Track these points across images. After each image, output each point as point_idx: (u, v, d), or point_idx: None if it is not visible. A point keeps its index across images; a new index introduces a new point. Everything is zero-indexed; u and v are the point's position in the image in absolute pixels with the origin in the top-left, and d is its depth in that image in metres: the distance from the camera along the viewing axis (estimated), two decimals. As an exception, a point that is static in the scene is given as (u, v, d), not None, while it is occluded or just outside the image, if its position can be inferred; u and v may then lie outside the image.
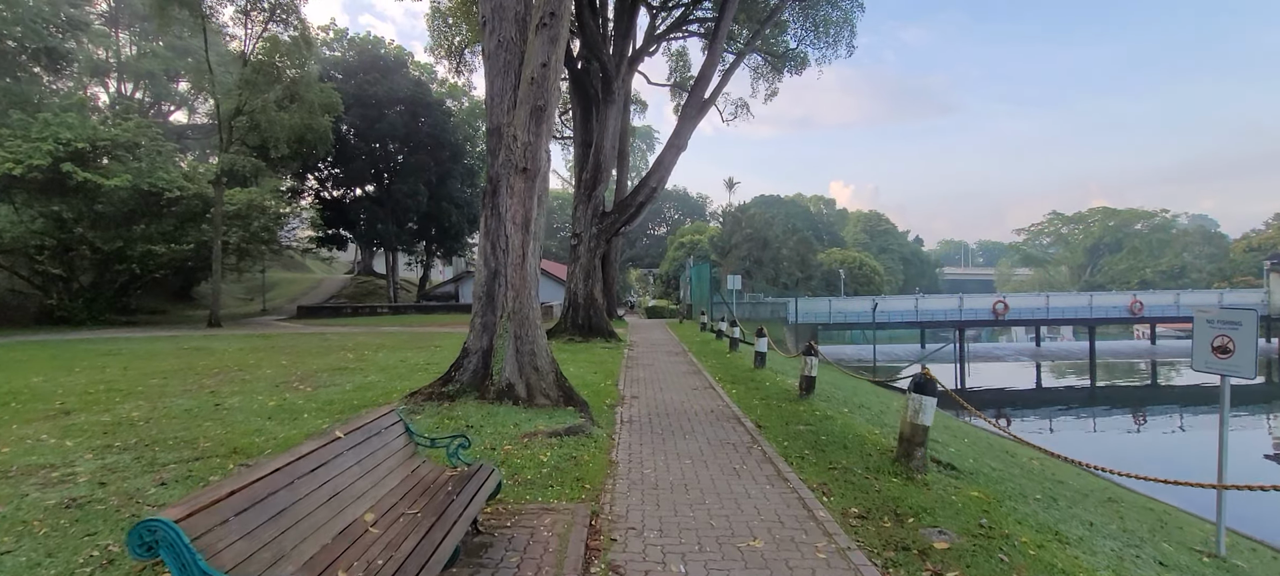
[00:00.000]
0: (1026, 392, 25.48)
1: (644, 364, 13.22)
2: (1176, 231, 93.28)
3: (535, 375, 7.33)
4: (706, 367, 12.61)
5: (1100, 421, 20.18)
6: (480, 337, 7.77)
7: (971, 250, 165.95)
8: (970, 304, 29.44)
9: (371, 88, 38.13)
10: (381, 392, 9.19)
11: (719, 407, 8.25)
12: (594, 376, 11.02)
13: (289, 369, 12.35)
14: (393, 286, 43.36)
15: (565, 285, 17.78)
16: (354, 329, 25.40)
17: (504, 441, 5.91)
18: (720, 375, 11.51)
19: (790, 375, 12.11)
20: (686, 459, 5.77)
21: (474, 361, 7.71)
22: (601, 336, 17.01)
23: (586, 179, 17.48)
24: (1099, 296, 30.60)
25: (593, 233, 17.50)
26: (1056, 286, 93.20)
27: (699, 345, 17.24)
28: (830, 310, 29.67)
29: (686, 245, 50.19)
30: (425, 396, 7.38)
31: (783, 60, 28.30)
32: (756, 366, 12.09)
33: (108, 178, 25.25)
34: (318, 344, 17.72)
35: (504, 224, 7.47)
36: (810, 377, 8.80)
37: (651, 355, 14.94)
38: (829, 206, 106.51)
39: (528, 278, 7.52)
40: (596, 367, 12.28)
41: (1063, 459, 6.31)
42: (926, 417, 5.43)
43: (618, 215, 17.77)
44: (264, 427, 6.86)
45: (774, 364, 12.92)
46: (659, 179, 17.45)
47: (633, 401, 8.74)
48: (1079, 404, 22.86)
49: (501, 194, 7.47)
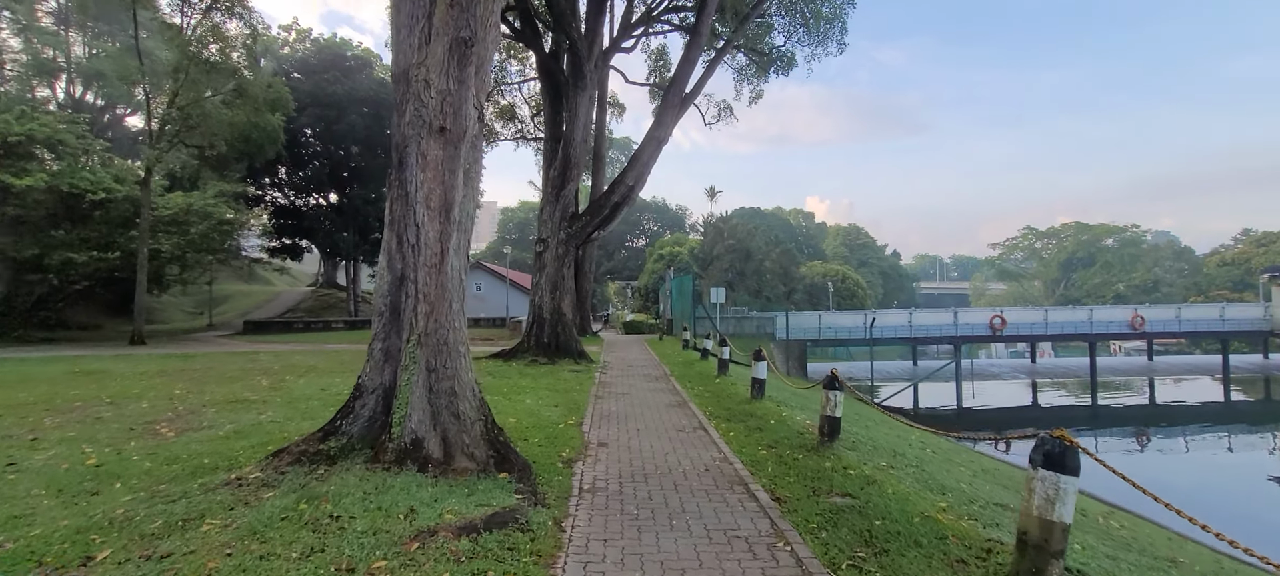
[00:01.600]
0: (1049, 412, 23.88)
1: (618, 392, 11.01)
2: (1147, 246, 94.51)
3: (455, 425, 5.09)
4: (693, 397, 10.44)
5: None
6: (380, 370, 5.50)
7: (946, 265, 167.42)
8: (966, 318, 27.81)
9: (331, 87, 35.58)
10: (264, 439, 6.85)
11: (716, 464, 6.08)
12: (553, 412, 8.77)
13: (175, 402, 9.90)
14: (353, 299, 40.52)
15: (529, 298, 15.52)
16: (298, 346, 22.76)
17: (379, 549, 3.65)
18: (711, 408, 9.34)
19: (794, 406, 9.99)
20: (677, 574, 3.59)
21: (369, 404, 5.43)
22: (570, 357, 14.76)
23: (554, 176, 15.30)
24: (1099, 311, 29.20)
25: (561, 238, 15.30)
26: (1030, 300, 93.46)
27: (681, 366, 15.08)
28: (820, 325, 27.76)
29: (666, 257, 48.16)
30: (294, 457, 5.08)
31: (769, 61, 26.56)
32: (753, 397, 9.96)
33: (19, 178, 22.42)
34: (240, 366, 15.18)
35: (412, 208, 5.25)
36: (834, 419, 6.68)
37: (627, 380, 12.74)
38: (808, 220, 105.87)
39: (448, 285, 5.30)
40: (559, 398, 10.04)
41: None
42: (1066, 511, 3.33)
43: (590, 217, 15.59)
44: (25, 513, 4.50)
45: (773, 391, 10.80)
46: (636, 176, 15.34)
47: (599, 453, 6.52)
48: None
49: (410, 165, 5.25)
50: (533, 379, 12.26)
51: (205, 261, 32.59)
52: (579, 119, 14.91)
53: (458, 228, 5.43)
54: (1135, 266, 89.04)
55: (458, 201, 5.38)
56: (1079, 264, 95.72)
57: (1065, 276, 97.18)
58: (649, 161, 15.33)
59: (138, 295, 23.98)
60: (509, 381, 11.82)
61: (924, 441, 9.18)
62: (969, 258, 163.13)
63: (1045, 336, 28.71)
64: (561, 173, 15.18)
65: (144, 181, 23.89)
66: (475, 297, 36.91)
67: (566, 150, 15.10)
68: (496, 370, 13.46)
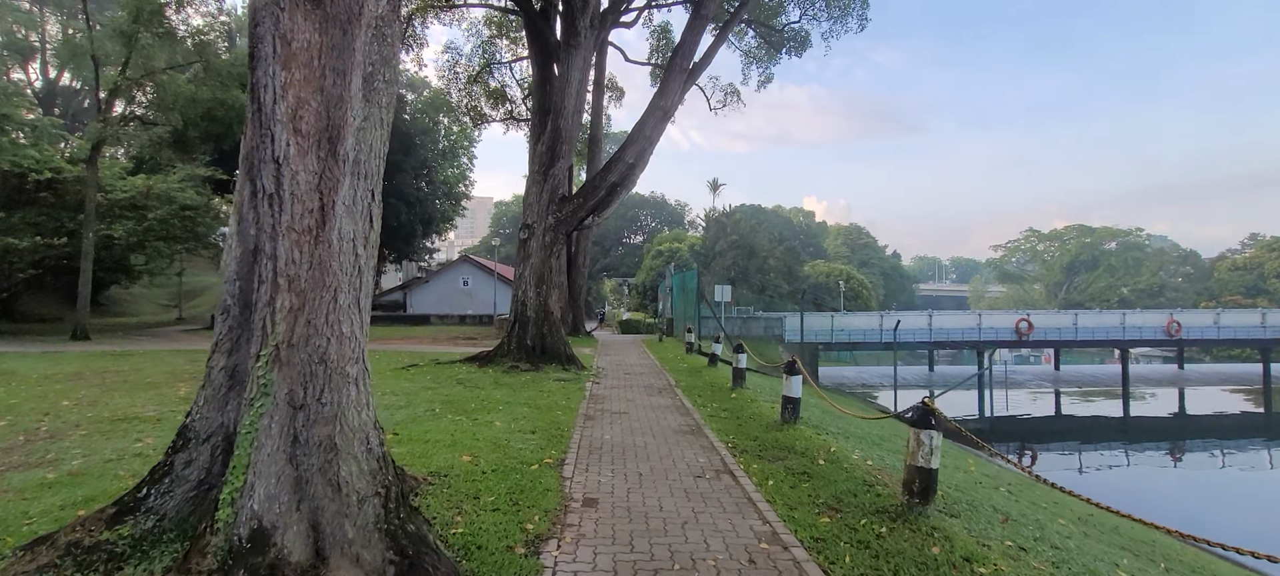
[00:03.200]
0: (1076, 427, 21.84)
1: (614, 410, 8.88)
2: (1152, 250, 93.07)
3: (333, 502, 2.96)
4: (707, 418, 8.32)
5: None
6: (220, 403, 3.36)
7: (944, 267, 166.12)
8: (990, 322, 25.78)
9: (309, 66, 33.27)
10: (90, 494, 4.70)
11: (761, 546, 3.95)
12: (528, 442, 6.63)
13: (49, 418, 7.75)
14: (334, 293, 38.21)
15: (511, 292, 13.37)
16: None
17: None
18: (733, 436, 7.23)
19: (836, 432, 7.89)
20: None
21: (198, 462, 3.29)
22: (558, 362, 12.62)
23: (541, 152, 13.13)
24: (1132, 315, 27.21)
25: (549, 223, 13.15)
26: (1032, 304, 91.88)
27: (687, 375, 12.97)
28: (833, 327, 25.66)
29: (665, 253, 46.05)
30: (58, 552, 2.94)
31: (781, 40, 24.48)
32: (785, 420, 7.84)
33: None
34: (170, 369, 13.00)
35: (269, 133, 3.11)
36: (928, 473, 4.55)
37: (625, 392, 10.61)
38: (808, 219, 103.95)
39: (330, 265, 3.17)
40: (539, 419, 7.90)
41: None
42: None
43: (582, 200, 13.42)
44: None
45: (808, 413, 8.66)
46: (638, 153, 13.20)
47: (584, 521, 4.38)
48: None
49: (263, 59, 3.11)
50: (510, 391, 10.12)
51: (172, 250, 30.38)
52: (572, 84, 12.76)
53: (351, 169, 3.29)
54: (1139, 270, 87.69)
55: (350, 125, 3.24)
56: (1082, 267, 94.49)
57: (1068, 279, 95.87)
58: (652, 136, 13.19)
59: (81, 285, 21.70)
60: (480, 394, 9.68)
61: (1048, 500, 7.08)
62: (967, 260, 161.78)
63: (1074, 342, 26.73)
64: (550, 147, 13.02)
65: (90, 159, 21.61)
66: (462, 293, 34.75)
67: (556, 121, 12.94)
68: (469, 378, 11.32)
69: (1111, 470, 16.68)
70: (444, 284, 35.44)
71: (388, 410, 8.29)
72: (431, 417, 7.79)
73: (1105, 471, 16.26)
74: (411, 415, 7.93)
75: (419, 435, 6.69)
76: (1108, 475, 15.80)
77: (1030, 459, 16.88)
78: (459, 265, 37.12)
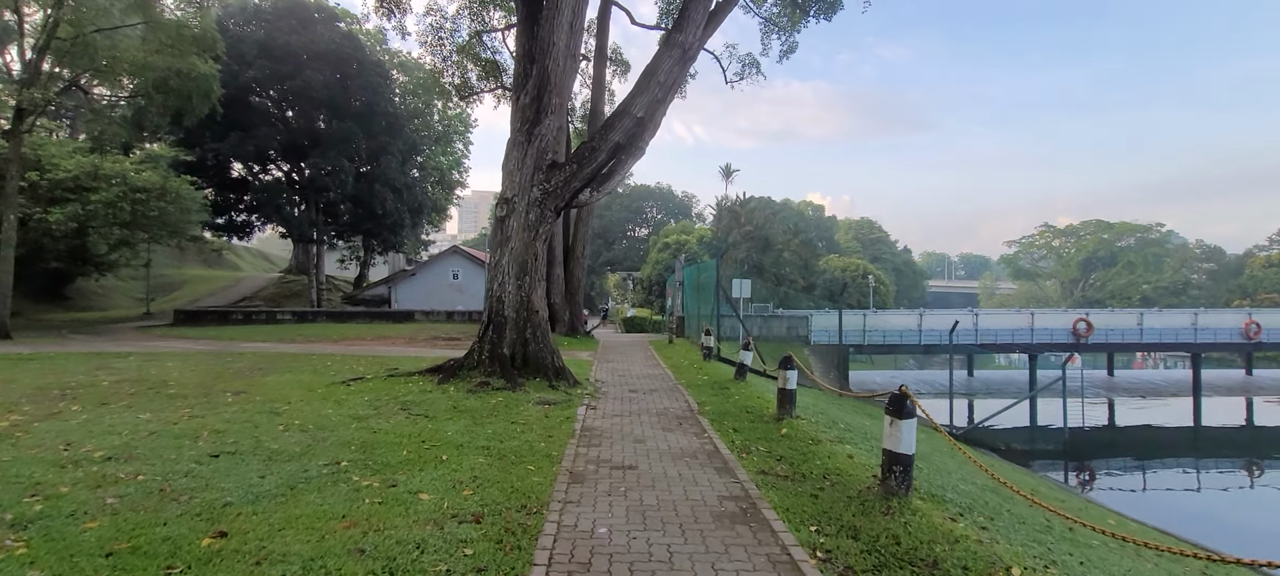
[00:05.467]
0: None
1: (615, 461, 5.93)
2: (1173, 246, 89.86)
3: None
4: (762, 485, 5.32)
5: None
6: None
7: (953, 263, 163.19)
8: (1043, 322, 22.76)
9: (284, 37, 30.36)
10: None
11: None
12: (457, 556, 3.66)
13: None
14: (316, 286, 35.37)
15: (486, 284, 10.42)
16: (208, 345, 17.72)
17: None
18: (815, 521, 4.27)
19: (984, 514, 4.94)
20: None
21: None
22: (543, 376, 9.69)
23: (525, 104, 10.16)
24: (1204, 315, 24.10)
25: (535, 196, 10.20)
26: (1045, 301, 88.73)
27: (711, 392, 10.02)
28: (865, 326, 22.64)
29: (672, 246, 43.02)
30: None
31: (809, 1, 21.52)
32: (894, 488, 4.87)
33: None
34: (59, 381, 10.13)
35: None
36: None
37: (631, 423, 7.67)
38: (817, 212, 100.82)
39: None
40: (494, 486, 4.94)
41: None
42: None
43: (576, 168, 10.43)
44: None
45: (930, 473, 5.66)
46: (649, 106, 10.22)
47: None
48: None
49: None
50: (470, 422, 7.19)
51: (134, 239, 27.61)
52: (563, 13, 9.76)
53: None
54: (1160, 267, 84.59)
55: None
56: (1099, 264, 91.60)
57: (1084, 276, 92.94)
58: (667, 81, 10.21)
59: (1, 275, 18.80)
60: (425, 430, 6.76)
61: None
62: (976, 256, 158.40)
63: (1140, 344, 23.67)
64: (536, 97, 10.04)
65: (11, 130, 18.71)
66: (452, 287, 31.85)
67: (543, 65, 9.96)
68: (420, 400, 8.37)
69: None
70: (432, 277, 32.56)
71: (268, 463, 5.39)
72: (323, 484, 4.87)
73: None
74: (295, 476, 5.02)
75: (267, 530, 3.79)
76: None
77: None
78: (448, 257, 34.21)
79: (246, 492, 4.60)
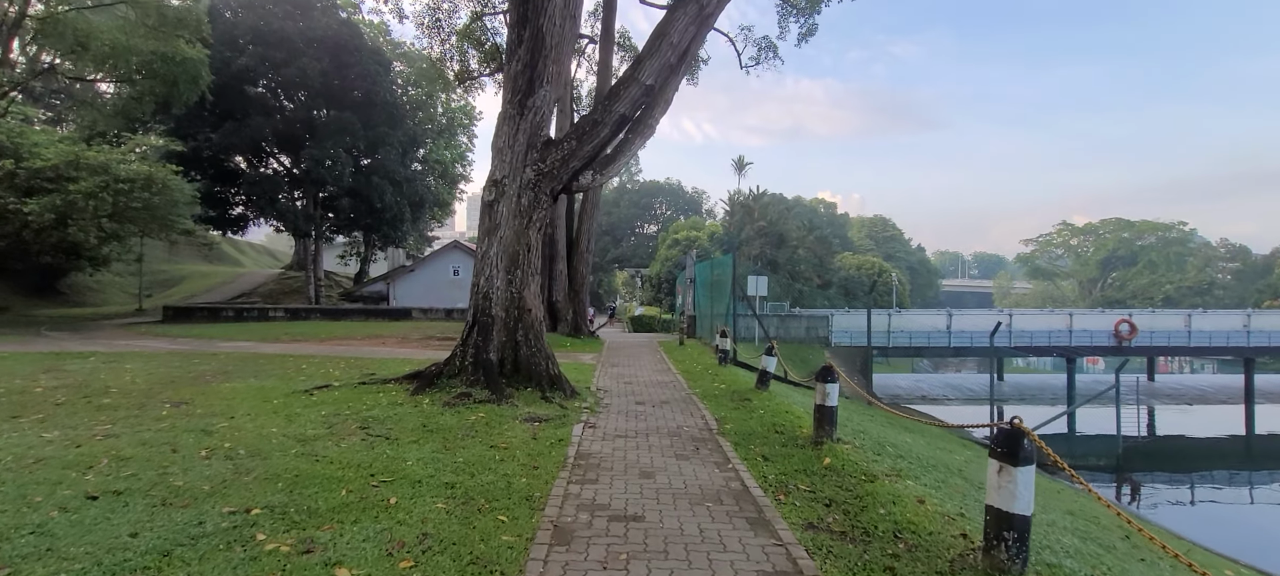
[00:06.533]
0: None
1: (614, 510, 4.55)
2: (1195, 244, 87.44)
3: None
4: (811, 544, 3.94)
5: None
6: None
7: (967, 262, 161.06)
8: (1081, 324, 21.18)
9: (280, 22, 29.20)
10: None
11: None
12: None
13: None
14: (314, 283, 34.26)
15: (472, 279, 9.07)
16: (179, 345, 16.55)
17: None
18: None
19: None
20: None
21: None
22: (535, 385, 8.34)
23: (516, 71, 8.80)
24: (1258, 316, 22.36)
25: (527, 178, 8.85)
26: (1062, 301, 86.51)
27: (731, 405, 8.63)
28: (890, 327, 21.14)
29: (682, 242, 41.59)
30: None
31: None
32: (996, 564, 3.46)
33: None
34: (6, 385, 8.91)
35: None
36: None
37: (638, 448, 6.31)
38: (830, 210, 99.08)
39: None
40: (449, 552, 3.59)
41: None
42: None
43: (575, 144, 9.07)
44: None
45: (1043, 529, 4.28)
46: (660, 73, 8.85)
47: None
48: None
49: None
50: (438, 448, 5.84)
51: (124, 232, 26.52)
52: (559, -37, 8.39)
53: None
54: (1183, 266, 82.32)
55: None
56: (1119, 263, 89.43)
57: (1103, 276, 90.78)
58: (681, 44, 8.83)
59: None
60: (379, 459, 5.41)
61: None
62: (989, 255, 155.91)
63: (1187, 349, 22.01)
64: (528, 64, 8.67)
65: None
66: (452, 283, 30.62)
67: (536, 24, 8.60)
68: (386, 416, 7.02)
69: None
70: (432, 273, 31.33)
71: (156, 511, 4.06)
72: (210, 548, 3.52)
73: None
74: (180, 534, 3.67)
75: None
76: None
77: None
78: (449, 252, 32.97)
79: (95, 563, 3.27)
